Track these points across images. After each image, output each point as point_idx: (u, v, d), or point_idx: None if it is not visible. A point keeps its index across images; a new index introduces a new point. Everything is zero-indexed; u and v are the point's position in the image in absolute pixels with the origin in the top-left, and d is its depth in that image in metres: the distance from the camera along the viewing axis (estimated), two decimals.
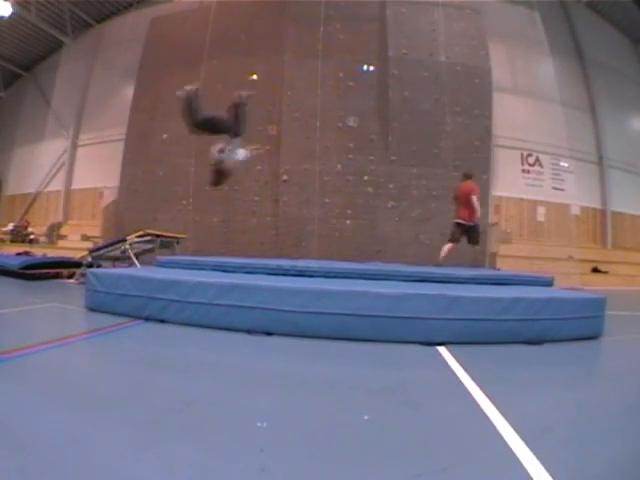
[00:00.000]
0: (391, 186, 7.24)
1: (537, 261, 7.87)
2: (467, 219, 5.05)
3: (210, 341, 2.27)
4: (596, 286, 7.14)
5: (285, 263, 3.51)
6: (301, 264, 3.43)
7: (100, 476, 0.87)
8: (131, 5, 11.29)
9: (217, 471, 0.92)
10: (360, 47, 7.61)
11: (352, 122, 7.40)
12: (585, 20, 10.54)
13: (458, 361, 1.92)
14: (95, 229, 9.62)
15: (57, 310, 3.18)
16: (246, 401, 1.39)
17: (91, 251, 5.23)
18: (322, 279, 3.08)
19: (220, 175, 3.49)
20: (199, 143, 7.84)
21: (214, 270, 3.49)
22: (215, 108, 3.48)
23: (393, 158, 7.30)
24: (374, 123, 7.42)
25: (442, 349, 2.16)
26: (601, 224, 10.00)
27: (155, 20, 8.95)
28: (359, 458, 1.01)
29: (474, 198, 5.01)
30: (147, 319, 2.60)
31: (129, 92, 9.02)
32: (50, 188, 11.93)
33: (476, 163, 7.37)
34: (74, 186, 11.52)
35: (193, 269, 3.56)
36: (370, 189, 7.23)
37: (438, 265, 4.75)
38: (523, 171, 9.39)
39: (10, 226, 11.02)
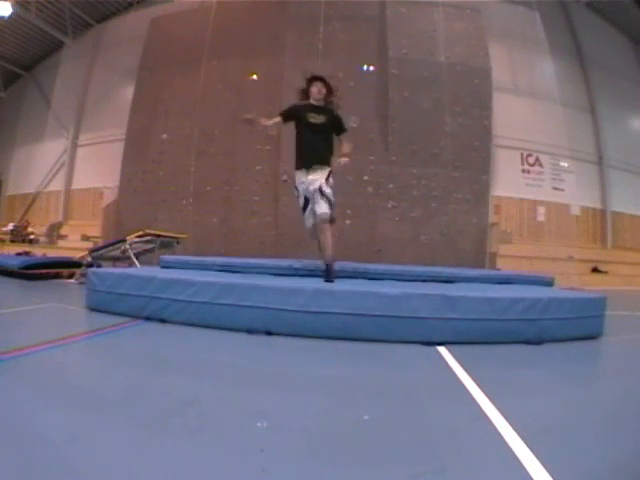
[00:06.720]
0: (391, 186, 7.24)
1: (537, 261, 7.87)
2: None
3: (210, 341, 2.27)
4: (596, 286, 7.14)
5: (296, 263, 3.48)
6: (312, 264, 3.41)
7: (100, 476, 0.87)
8: (131, 5, 11.30)
9: (217, 471, 0.92)
10: (360, 47, 7.60)
11: (352, 122, 7.39)
12: (585, 20, 10.55)
13: (458, 361, 1.92)
14: (95, 229, 9.61)
15: (57, 310, 3.17)
16: (246, 401, 1.39)
17: (91, 251, 5.23)
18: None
19: None
20: (199, 143, 7.87)
21: (221, 271, 3.38)
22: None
23: (393, 158, 7.30)
24: (374, 123, 7.41)
25: (442, 349, 2.16)
26: (601, 224, 10.01)
27: (155, 20, 8.95)
28: (359, 458, 1.01)
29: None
30: (147, 319, 2.60)
31: (129, 92, 9.01)
32: (50, 188, 11.93)
33: (476, 163, 7.37)
34: (74, 186, 11.52)
35: (199, 270, 3.46)
36: (370, 189, 7.22)
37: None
38: (523, 171, 9.40)
39: (10, 226, 11.01)
